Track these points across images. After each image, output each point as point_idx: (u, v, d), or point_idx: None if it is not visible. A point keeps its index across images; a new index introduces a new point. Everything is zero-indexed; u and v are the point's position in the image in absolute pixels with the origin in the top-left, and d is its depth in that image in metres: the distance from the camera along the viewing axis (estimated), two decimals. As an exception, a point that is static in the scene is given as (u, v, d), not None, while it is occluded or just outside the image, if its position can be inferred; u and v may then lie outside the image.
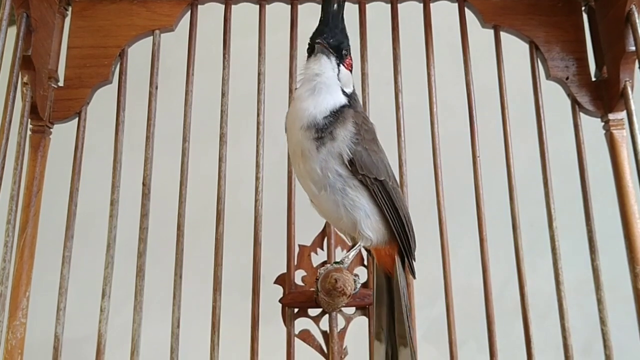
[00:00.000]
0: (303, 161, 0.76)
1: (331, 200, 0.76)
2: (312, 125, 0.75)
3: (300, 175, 0.79)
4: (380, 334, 0.82)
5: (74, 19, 1.00)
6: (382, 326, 0.81)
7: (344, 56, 0.79)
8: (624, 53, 0.91)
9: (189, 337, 0.93)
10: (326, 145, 0.74)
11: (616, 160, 0.94)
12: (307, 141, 0.75)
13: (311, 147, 0.75)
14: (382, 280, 0.82)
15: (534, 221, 0.95)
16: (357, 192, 0.76)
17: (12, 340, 0.86)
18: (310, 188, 0.77)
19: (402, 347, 0.80)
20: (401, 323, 0.80)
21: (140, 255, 0.91)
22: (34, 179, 0.92)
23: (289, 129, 0.78)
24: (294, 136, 0.76)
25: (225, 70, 0.99)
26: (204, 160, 1.01)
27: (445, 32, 1.05)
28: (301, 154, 0.76)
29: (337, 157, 0.75)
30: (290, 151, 0.79)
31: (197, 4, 1.02)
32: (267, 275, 0.93)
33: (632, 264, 0.89)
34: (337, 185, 0.75)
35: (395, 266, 0.81)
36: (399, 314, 0.80)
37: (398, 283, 0.80)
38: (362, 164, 0.75)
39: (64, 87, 0.98)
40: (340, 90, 0.78)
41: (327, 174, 0.75)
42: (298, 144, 0.76)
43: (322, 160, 0.75)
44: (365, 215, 0.77)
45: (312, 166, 0.75)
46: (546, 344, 0.91)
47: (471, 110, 0.98)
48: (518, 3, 1.01)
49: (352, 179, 0.76)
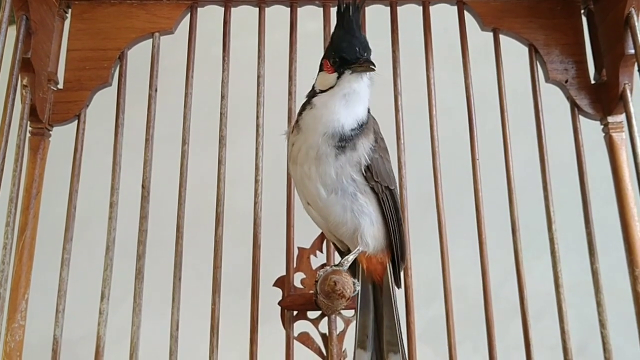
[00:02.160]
0: (316, 164, 0.75)
1: (339, 204, 0.76)
2: (337, 134, 0.74)
3: (307, 177, 0.77)
4: (364, 342, 0.81)
5: (74, 22, 1.00)
6: (367, 334, 0.81)
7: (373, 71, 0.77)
8: (623, 56, 0.91)
9: (187, 340, 0.93)
10: (346, 154, 0.75)
11: (615, 163, 0.94)
12: (326, 147, 0.74)
13: (330, 153, 0.74)
14: (368, 287, 0.82)
15: (529, 223, 0.95)
16: (367, 198, 0.77)
17: (11, 343, 0.86)
18: (317, 191, 0.76)
19: (391, 354, 0.80)
20: (391, 330, 0.80)
21: (140, 258, 0.91)
22: (33, 181, 0.92)
23: (306, 131, 0.76)
24: (311, 139, 0.75)
25: (224, 73, 0.99)
26: (203, 162, 1.01)
27: (444, 35, 1.06)
28: (315, 156, 0.75)
29: (355, 164, 0.75)
30: (302, 151, 0.76)
31: (196, 7, 1.02)
32: (266, 277, 0.93)
33: (632, 267, 0.89)
34: (349, 190, 0.76)
35: (386, 274, 0.81)
36: (389, 321, 0.80)
37: (389, 290, 0.80)
38: (378, 171, 0.76)
39: (64, 89, 0.98)
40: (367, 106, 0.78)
41: (342, 178, 0.75)
42: (314, 147, 0.75)
43: (338, 166, 0.75)
44: (370, 222, 0.77)
45: (327, 170, 0.75)
46: (542, 345, 0.91)
47: (470, 113, 0.98)
48: (517, 6, 1.02)
49: (365, 185, 0.76)
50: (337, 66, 0.77)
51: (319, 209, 0.78)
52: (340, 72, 0.76)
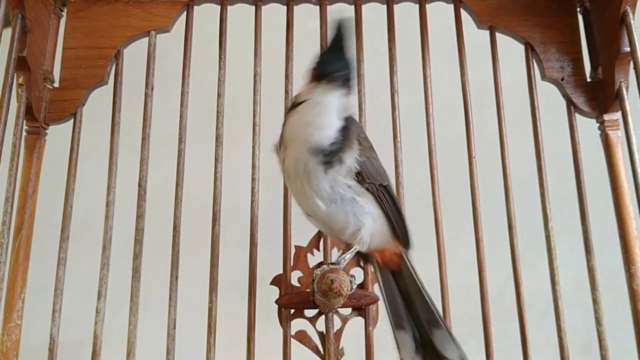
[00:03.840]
0: (307, 181, 0.76)
1: (342, 212, 0.77)
2: (319, 151, 0.75)
3: (302, 194, 0.78)
4: (401, 323, 0.83)
5: (70, 20, 1.00)
6: (401, 316, 0.83)
7: (350, 87, 0.79)
8: (619, 54, 0.91)
9: (185, 339, 0.93)
10: (334, 167, 0.76)
11: (611, 160, 0.94)
12: (313, 163, 0.75)
13: (318, 170, 0.75)
14: (388, 277, 0.84)
15: (533, 221, 0.95)
16: (365, 198, 0.78)
17: (7, 343, 0.86)
18: (316, 205, 0.77)
19: (435, 330, 0.81)
20: (427, 309, 0.81)
21: (136, 257, 0.91)
22: (29, 181, 0.92)
23: (291, 144, 0.77)
24: (297, 154, 0.76)
25: (221, 71, 0.99)
26: (200, 161, 1.01)
27: (441, 33, 1.06)
28: (304, 172, 0.76)
29: (346, 174, 0.77)
30: (290, 167, 0.77)
31: (192, 5, 1.02)
32: (264, 276, 0.93)
33: (628, 264, 0.89)
34: (347, 196, 0.77)
35: (403, 261, 0.83)
36: (423, 302, 0.82)
37: (412, 276, 0.82)
38: (368, 173, 0.78)
39: (60, 88, 0.97)
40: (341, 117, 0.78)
41: (338, 189, 0.76)
42: (300, 162, 0.76)
43: (331, 179, 0.76)
44: (373, 220, 0.79)
45: (321, 186, 0.76)
46: (546, 344, 0.91)
47: (467, 111, 0.98)
48: (513, 4, 1.02)
49: (360, 187, 0.78)
50: (317, 77, 0.77)
51: (320, 220, 0.80)
52: (317, 82, 0.77)
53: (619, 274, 0.92)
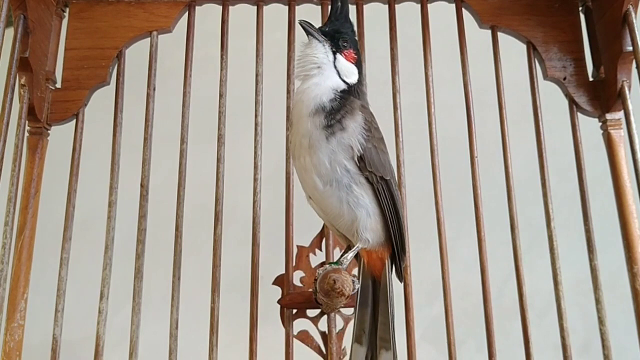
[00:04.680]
0: (310, 153, 0.76)
1: (335, 197, 0.76)
2: (320, 109, 0.76)
3: (304, 169, 0.77)
4: (361, 337, 0.81)
5: (71, 21, 1.00)
6: (364, 329, 0.81)
7: (342, 46, 0.80)
8: (621, 53, 0.91)
9: (187, 339, 0.93)
10: (336, 136, 0.75)
11: (614, 160, 0.94)
12: (316, 130, 0.75)
13: (320, 137, 0.75)
14: (368, 283, 0.82)
15: (533, 221, 0.95)
16: (362, 189, 0.77)
17: (10, 342, 0.86)
18: (314, 182, 0.76)
19: (383, 351, 0.79)
20: (385, 326, 0.79)
21: (139, 257, 0.91)
22: (32, 181, 0.92)
23: (296, 119, 0.78)
24: (302, 125, 0.76)
25: (222, 72, 0.99)
26: (202, 161, 1.01)
27: (442, 33, 1.06)
28: (308, 145, 0.75)
29: (347, 150, 0.75)
30: (297, 144, 0.78)
31: (194, 5, 1.02)
32: (266, 276, 0.93)
33: (630, 263, 0.89)
34: (343, 181, 0.76)
35: (384, 269, 0.81)
36: (384, 318, 0.80)
37: (386, 286, 0.80)
38: (371, 161, 0.76)
39: (62, 88, 0.97)
40: (337, 75, 0.79)
41: (336, 167, 0.75)
42: (306, 134, 0.76)
43: (331, 151, 0.75)
44: (367, 214, 0.77)
45: (321, 158, 0.75)
46: (545, 343, 0.91)
47: (469, 110, 0.98)
48: (515, 3, 1.02)
49: (359, 176, 0.76)
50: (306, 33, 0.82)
51: (317, 201, 0.79)
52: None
53: (617, 274, 0.91)
